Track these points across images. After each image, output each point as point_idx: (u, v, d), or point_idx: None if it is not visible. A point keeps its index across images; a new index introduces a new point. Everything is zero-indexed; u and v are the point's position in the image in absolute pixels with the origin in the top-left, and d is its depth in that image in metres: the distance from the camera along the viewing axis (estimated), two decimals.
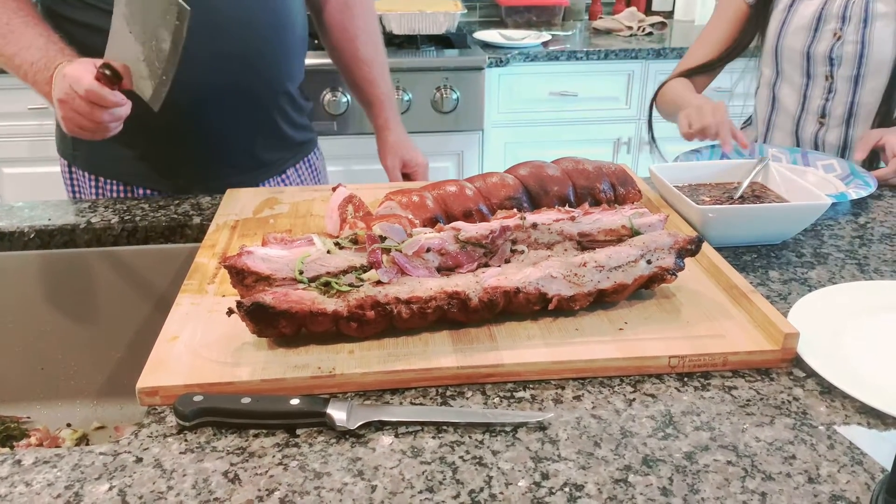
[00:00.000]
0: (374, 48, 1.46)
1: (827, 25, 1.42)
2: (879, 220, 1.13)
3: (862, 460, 0.64)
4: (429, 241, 0.81)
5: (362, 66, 1.45)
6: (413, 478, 0.62)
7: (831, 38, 1.41)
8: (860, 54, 1.40)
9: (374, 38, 1.46)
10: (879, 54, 1.39)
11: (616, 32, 3.00)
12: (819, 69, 1.45)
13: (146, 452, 0.65)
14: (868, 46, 1.40)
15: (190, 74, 1.12)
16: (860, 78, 1.41)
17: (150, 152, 1.26)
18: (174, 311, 0.83)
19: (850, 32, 1.40)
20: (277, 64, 1.28)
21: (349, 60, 1.45)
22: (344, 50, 1.45)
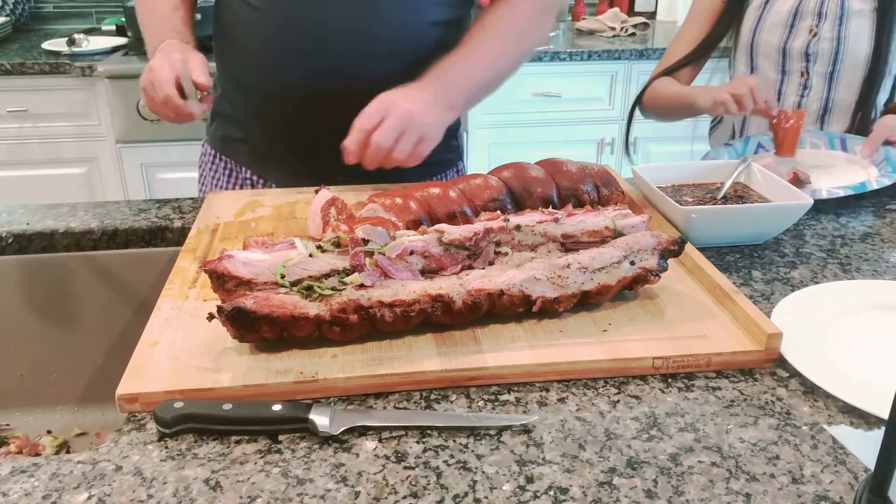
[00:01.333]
0: (495, 27, 1.21)
1: (803, 22, 1.43)
2: (861, 219, 1.14)
3: (845, 460, 0.64)
4: (412, 243, 0.81)
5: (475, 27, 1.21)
6: (397, 483, 0.61)
7: (807, 35, 1.42)
8: (836, 51, 1.41)
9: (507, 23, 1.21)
10: (855, 51, 1.41)
11: (599, 33, 3.01)
12: (795, 65, 1.46)
13: (126, 460, 0.64)
14: (844, 43, 1.41)
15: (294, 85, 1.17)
16: (835, 74, 1.42)
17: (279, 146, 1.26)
18: (154, 316, 0.82)
19: (826, 29, 1.41)
20: (387, 83, 1.10)
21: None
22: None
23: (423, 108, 1.06)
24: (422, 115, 1.05)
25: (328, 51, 1.16)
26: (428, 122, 1.06)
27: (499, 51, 1.19)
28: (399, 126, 1.03)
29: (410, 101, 1.05)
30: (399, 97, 1.05)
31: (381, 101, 1.05)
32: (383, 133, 1.02)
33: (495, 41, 1.19)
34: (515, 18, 1.21)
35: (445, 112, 1.11)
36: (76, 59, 2.56)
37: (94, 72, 2.50)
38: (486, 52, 1.18)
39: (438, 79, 1.11)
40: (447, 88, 1.12)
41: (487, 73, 1.18)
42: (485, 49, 1.18)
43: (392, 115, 1.03)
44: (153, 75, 1.08)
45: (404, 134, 1.04)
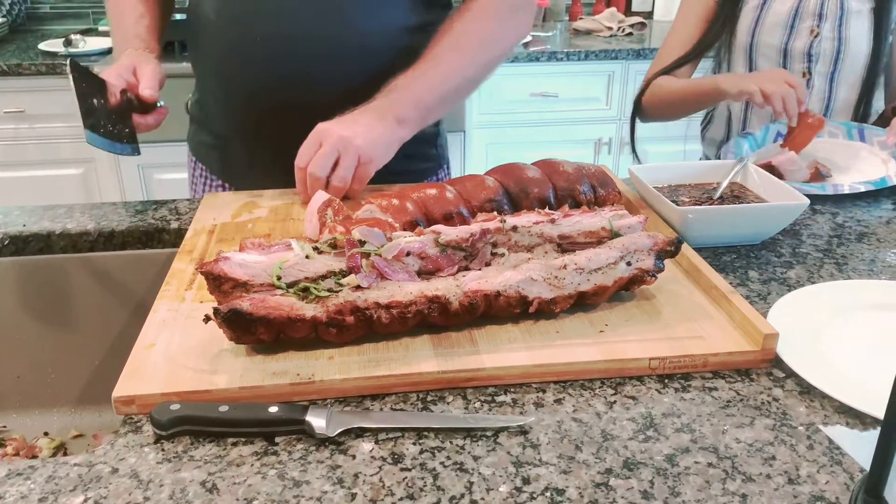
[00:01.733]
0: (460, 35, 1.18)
1: (803, 23, 1.43)
2: (857, 219, 1.14)
3: (841, 460, 0.64)
4: (409, 244, 0.81)
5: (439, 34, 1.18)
6: (393, 485, 0.61)
7: (808, 35, 1.43)
8: (837, 51, 1.42)
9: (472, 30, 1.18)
10: (855, 51, 1.41)
11: (596, 33, 3.01)
12: (796, 66, 1.46)
13: (122, 463, 0.64)
14: (845, 43, 1.41)
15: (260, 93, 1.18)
16: (836, 74, 1.42)
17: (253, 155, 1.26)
18: (151, 317, 0.82)
19: (827, 29, 1.42)
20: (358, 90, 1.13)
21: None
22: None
23: (359, 130, 1.05)
24: (358, 137, 1.04)
25: (293, 58, 1.15)
26: (364, 144, 1.04)
27: (463, 59, 1.17)
28: (332, 152, 1.03)
29: (344, 126, 1.05)
30: (333, 124, 1.05)
31: (316, 132, 1.05)
32: (316, 163, 1.03)
33: (458, 51, 1.16)
34: (481, 24, 1.19)
35: (392, 128, 1.08)
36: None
37: None
38: (447, 62, 1.15)
39: (385, 95, 1.10)
40: (394, 104, 1.09)
41: (449, 82, 1.16)
42: (447, 58, 1.15)
43: (325, 142, 1.03)
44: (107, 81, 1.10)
45: (341, 159, 1.03)
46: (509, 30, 1.24)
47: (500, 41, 1.23)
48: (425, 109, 1.14)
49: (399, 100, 1.10)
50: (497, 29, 1.21)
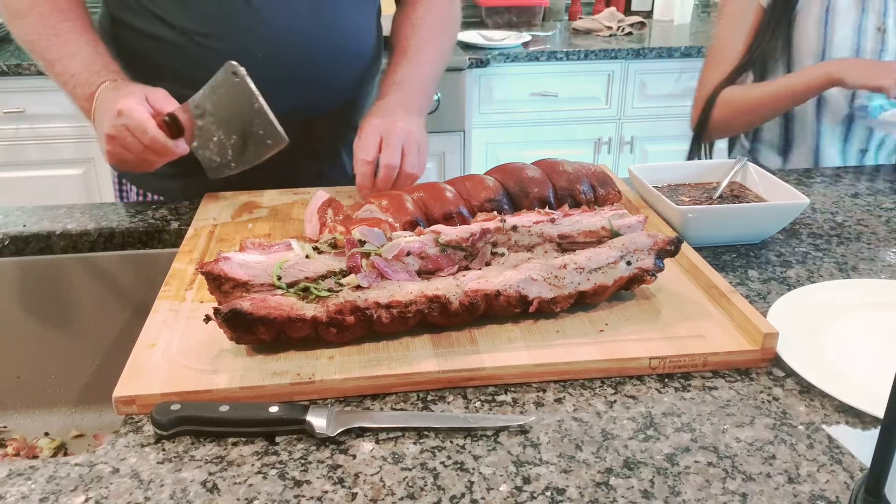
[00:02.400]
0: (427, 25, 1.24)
1: (869, 21, 1.44)
2: (856, 218, 1.14)
3: (841, 459, 0.64)
4: (409, 244, 0.81)
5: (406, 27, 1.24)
6: (394, 484, 0.61)
7: (876, 33, 1.43)
8: None
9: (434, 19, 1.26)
10: None
11: (596, 33, 3.01)
12: None
13: (123, 463, 0.64)
14: None
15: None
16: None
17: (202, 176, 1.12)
18: (151, 317, 0.82)
19: (890, 24, 1.42)
20: (341, 93, 1.21)
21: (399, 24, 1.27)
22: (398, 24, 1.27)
23: (408, 121, 1.08)
24: (411, 127, 1.07)
25: (277, 61, 1.14)
26: (419, 134, 1.09)
27: (438, 45, 1.24)
28: (400, 143, 1.05)
29: (398, 119, 1.08)
30: (387, 118, 1.08)
31: (373, 127, 1.07)
32: (389, 153, 1.04)
33: (433, 37, 1.23)
34: (438, 13, 1.26)
35: (418, 118, 1.13)
36: None
37: None
38: (429, 50, 1.22)
39: (399, 90, 1.14)
40: (410, 97, 1.15)
41: (436, 69, 1.23)
42: (427, 47, 1.22)
43: (391, 134, 1.05)
44: (126, 119, 0.97)
45: (407, 151, 1.06)
46: (455, 12, 1.33)
47: (454, 23, 1.33)
48: (429, 98, 1.20)
49: (412, 93, 1.15)
50: (451, 13, 1.31)
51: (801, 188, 1.26)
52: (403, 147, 1.06)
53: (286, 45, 1.15)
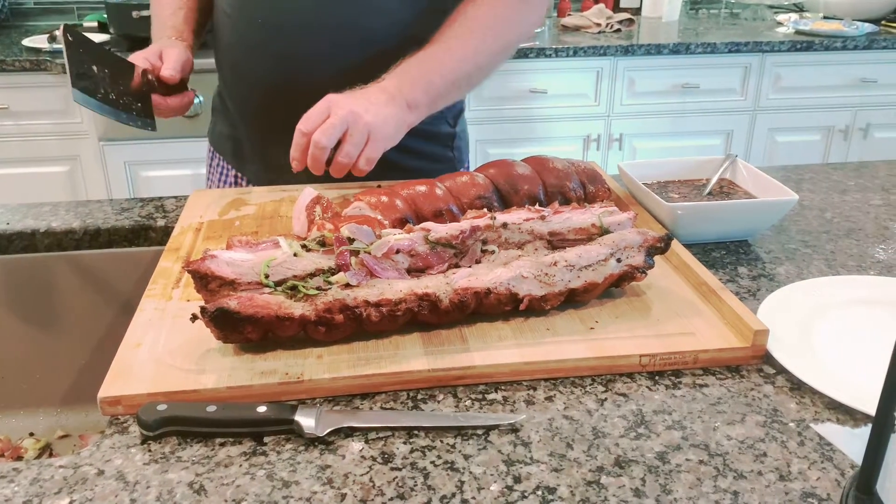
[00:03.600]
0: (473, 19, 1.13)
1: None
2: (845, 215, 1.14)
3: (832, 456, 0.64)
4: (398, 242, 0.80)
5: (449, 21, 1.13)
6: (383, 485, 0.61)
7: None
8: None
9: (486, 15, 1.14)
10: None
11: (585, 29, 3.01)
12: None
13: (108, 464, 0.63)
14: None
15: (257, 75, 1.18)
16: None
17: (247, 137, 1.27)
18: (137, 316, 0.81)
19: None
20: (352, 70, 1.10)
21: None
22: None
23: (370, 106, 1.00)
24: (368, 113, 0.98)
25: (294, 48, 1.15)
26: (375, 122, 0.99)
27: (474, 44, 1.12)
28: (341, 125, 0.97)
29: (356, 101, 1.00)
30: (344, 97, 1.00)
31: (325, 101, 1.00)
32: (324, 131, 0.96)
33: (471, 34, 1.12)
34: (493, 10, 1.14)
35: (402, 111, 1.03)
36: (57, 55, 2.53)
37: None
38: (458, 47, 1.10)
39: (397, 76, 1.05)
40: (405, 86, 1.04)
41: (460, 68, 1.11)
42: (458, 43, 1.10)
43: (335, 113, 0.97)
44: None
45: (349, 134, 0.97)
46: (522, 16, 1.20)
47: (512, 28, 1.18)
48: (436, 95, 1.09)
49: (410, 82, 1.05)
50: (509, 14, 1.17)
51: (790, 185, 1.26)
52: (348, 131, 0.97)
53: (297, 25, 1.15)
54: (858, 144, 3.08)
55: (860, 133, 3.06)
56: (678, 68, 2.83)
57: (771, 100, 2.95)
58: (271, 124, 1.21)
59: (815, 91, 2.97)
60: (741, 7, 3.55)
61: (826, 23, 3.04)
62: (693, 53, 2.79)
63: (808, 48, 2.86)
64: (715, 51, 2.80)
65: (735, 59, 2.86)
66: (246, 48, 1.19)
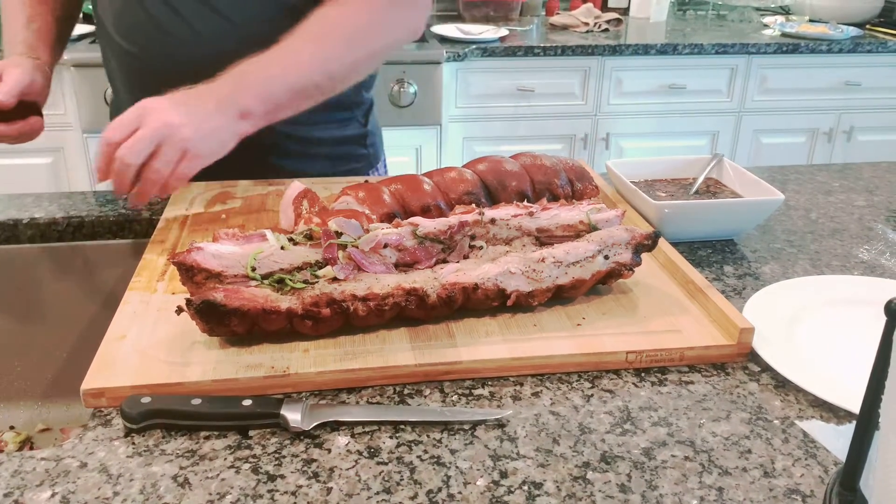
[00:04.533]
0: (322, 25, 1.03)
1: None
2: (830, 216, 1.15)
3: (816, 453, 0.65)
4: (386, 236, 0.80)
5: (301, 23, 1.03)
6: (370, 479, 0.61)
7: None
8: None
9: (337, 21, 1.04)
10: None
11: (573, 28, 3.02)
12: None
13: (91, 457, 0.62)
14: None
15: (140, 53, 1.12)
16: None
17: None
18: (121, 309, 0.80)
19: None
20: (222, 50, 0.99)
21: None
22: None
23: (190, 118, 0.90)
24: (186, 127, 0.89)
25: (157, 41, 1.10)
26: (194, 136, 0.90)
27: (323, 53, 1.02)
28: (153, 139, 0.87)
29: (174, 111, 0.89)
30: (162, 104, 0.90)
31: (137, 108, 0.90)
32: (130, 147, 0.87)
33: (319, 42, 1.02)
34: (359, 15, 1.05)
35: (231, 121, 0.94)
36: None
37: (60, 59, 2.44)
38: (305, 54, 1.01)
39: (232, 80, 0.95)
40: (239, 91, 0.95)
41: (307, 76, 1.01)
42: (304, 50, 1.01)
43: (146, 125, 0.88)
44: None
45: (160, 150, 0.88)
46: (391, 21, 1.09)
47: (378, 35, 1.08)
48: (273, 105, 0.98)
49: (245, 89, 0.95)
50: (375, 20, 1.06)
51: (776, 186, 1.26)
52: (160, 146, 0.88)
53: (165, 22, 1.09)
54: (842, 147, 3.10)
55: (844, 136, 3.08)
56: (665, 69, 2.85)
57: (756, 101, 2.97)
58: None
59: (801, 93, 2.99)
60: (728, 9, 3.58)
61: (812, 26, 3.06)
62: (680, 54, 2.80)
63: (794, 51, 2.88)
64: (702, 52, 2.81)
65: (722, 61, 2.87)
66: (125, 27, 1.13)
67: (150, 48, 1.11)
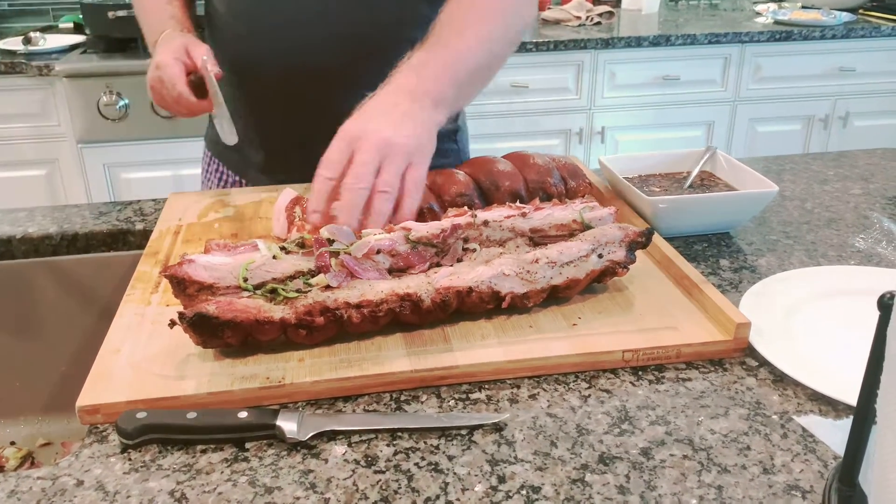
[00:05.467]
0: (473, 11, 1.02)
1: None
2: (825, 205, 1.15)
3: (815, 448, 0.64)
4: (379, 242, 0.80)
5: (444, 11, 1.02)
6: (367, 488, 0.60)
7: None
8: None
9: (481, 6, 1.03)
10: None
11: (565, 23, 3.01)
12: None
13: (87, 474, 0.62)
14: None
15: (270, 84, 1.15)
16: None
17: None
18: (116, 322, 0.80)
19: None
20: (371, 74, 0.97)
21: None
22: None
23: (398, 124, 0.85)
24: (400, 134, 0.84)
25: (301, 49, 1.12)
26: (409, 141, 0.85)
27: (487, 29, 1.00)
28: (374, 160, 0.82)
29: (378, 123, 0.85)
30: (363, 123, 0.85)
31: (344, 135, 0.84)
32: (357, 176, 0.81)
33: (481, 20, 1.00)
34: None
35: (430, 112, 0.89)
36: (33, 58, 2.50)
37: (51, 71, 2.44)
38: (471, 34, 0.98)
39: (414, 71, 0.92)
40: (427, 81, 0.91)
41: (478, 54, 0.98)
42: (469, 30, 0.98)
43: (362, 149, 0.82)
44: (162, 72, 1.04)
45: (384, 166, 0.83)
46: (523, 4, 1.11)
47: (517, 14, 1.08)
48: (459, 87, 0.95)
49: (433, 77, 0.92)
50: (506, 2, 1.07)
51: (771, 176, 1.26)
52: (382, 165, 0.83)
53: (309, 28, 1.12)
54: (838, 133, 3.10)
55: (840, 122, 3.08)
56: (659, 60, 2.84)
57: (751, 90, 2.96)
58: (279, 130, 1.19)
59: (795, 81, 2.98)
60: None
61: (804, 12, 3.06)
62: (673, 45, 2.80)
63: (787, 38, 2.87)
64: (695, 42, 2.81)
65: (715, 51, 2.87)
66: (249, 53, 1.15)
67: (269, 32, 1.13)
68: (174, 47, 1.06)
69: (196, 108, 1.06)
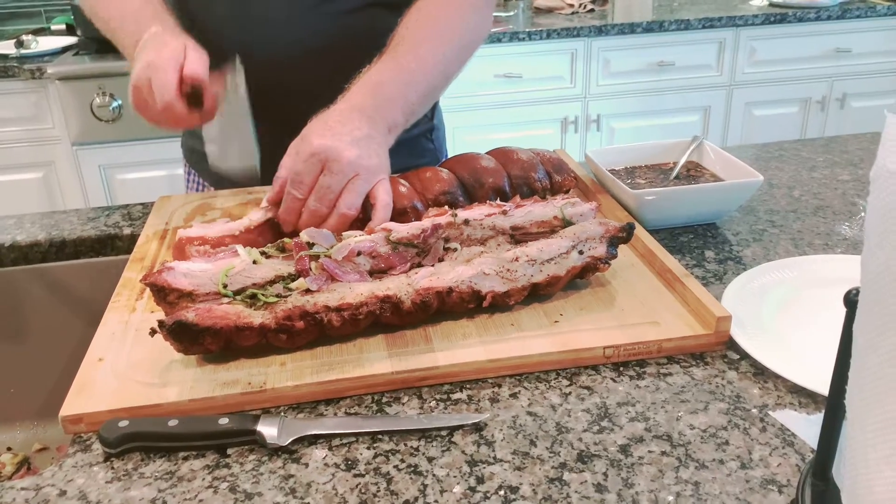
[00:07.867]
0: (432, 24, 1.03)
1: None
2: (813, 192, 1.15)
3: (794, 442, 0.64)
4: (359, 244, 0.80)
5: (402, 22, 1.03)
6: (346, 492, 0.61)
7: None
8: None
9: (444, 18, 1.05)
10: None
11: (558, 11, 3.00)
12: None
13: (70, 484, 0.63)
14: None
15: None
16: None
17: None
18: (101, 330, 0.80)
19: None
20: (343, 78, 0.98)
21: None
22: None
23: (366, 145, 0.89)
24: (364, 158, 0.88)
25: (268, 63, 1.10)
26: (373, 161, 0.89)
27: (443, 51, 1.02)
28: (342, 182, 0.87)
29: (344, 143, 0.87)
30: (332, 140, 0.87)
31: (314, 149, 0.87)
32: (319, 197, 0.86)
33: (439, 40, 1.02)
34: (451, 14, 1.06)
35: (386, 135, 0.93)
36: (25, 61, 2.50)
37: (44, 73, 2.45)
38: (429, 55, 1.00)
39: (370, 94, 0.94)
40: (383, 106, 0.94)
41: (432, 80, 1.01)
42: (427, 51, 1.00)
43: (331, 170, 0.86)
44: (152, 74, 0.91)
45: (349, 187, 0.87)
46: (485, 22, 1.12)
47: (478, 35, 1.10)
48: (411, 113, 0.99)
49: (387, 102, 0.95)
50: (468, 18, 1.08)
51: (760, 164, 1.26)
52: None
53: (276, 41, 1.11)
54: (836, 115, 3.08)
55: (837, 103, 3.06)
56: (653, 46, 2.83)
57: (747, 74, 2.95)
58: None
59: (791, 63, 2.97)
60: None
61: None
62: (667, 31, 2.78)
63: (782, 20, 2.86)
64: (689, 27, 2.80)
65: (709, 35, 2.85)
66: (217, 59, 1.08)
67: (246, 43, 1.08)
68: (172, 47, 0.93)
69: (185, 121, 0.94)
